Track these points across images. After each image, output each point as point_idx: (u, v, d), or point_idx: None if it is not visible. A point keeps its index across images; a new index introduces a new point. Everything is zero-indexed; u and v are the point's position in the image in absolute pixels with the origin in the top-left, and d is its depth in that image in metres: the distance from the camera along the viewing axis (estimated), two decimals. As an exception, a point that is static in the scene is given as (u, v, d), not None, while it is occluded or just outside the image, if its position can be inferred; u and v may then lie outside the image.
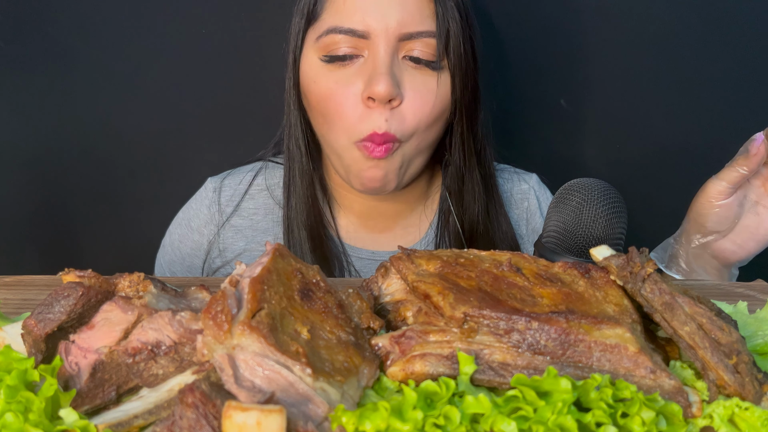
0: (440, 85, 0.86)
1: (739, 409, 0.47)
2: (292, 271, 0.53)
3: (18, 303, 0.68)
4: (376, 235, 1.00)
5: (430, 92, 0.85)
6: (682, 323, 0.50)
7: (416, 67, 0.85)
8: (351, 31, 0.83)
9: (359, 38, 0.84)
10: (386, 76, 0.82)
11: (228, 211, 1.01)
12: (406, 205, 1.00)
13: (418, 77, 0.85)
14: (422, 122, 0.86)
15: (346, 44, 0.84)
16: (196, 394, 0.41)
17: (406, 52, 0.85)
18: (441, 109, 0.87)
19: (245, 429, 0.38)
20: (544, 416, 0.43)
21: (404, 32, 0.83)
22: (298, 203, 0.95)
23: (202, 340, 0.45)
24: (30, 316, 0.51)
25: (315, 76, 0.87)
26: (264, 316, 0.46)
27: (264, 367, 0.44)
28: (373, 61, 0.83)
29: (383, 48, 0.83)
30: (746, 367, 0.49)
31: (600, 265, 0.55)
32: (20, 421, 0.43)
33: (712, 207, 0.80)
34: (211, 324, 0.45)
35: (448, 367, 0.48)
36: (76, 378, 0.49)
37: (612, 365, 0.48)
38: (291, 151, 0.96)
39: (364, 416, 0.42)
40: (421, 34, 0.84)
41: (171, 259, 1.05)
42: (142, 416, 0.45)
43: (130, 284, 0.53)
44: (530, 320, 0.49)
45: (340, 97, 0.85)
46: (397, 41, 0.83)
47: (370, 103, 0.84)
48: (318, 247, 0.95)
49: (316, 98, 0.88)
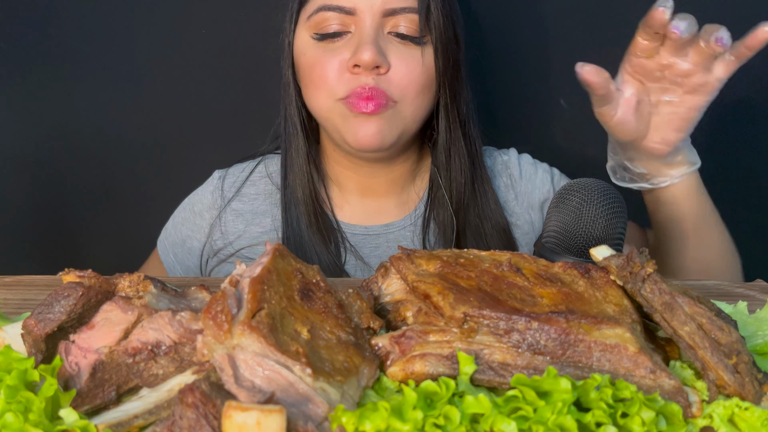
0: (425, 58, 0.92)
1: (739, 409, 0.47)
2: (292, 271, 0.53)
3: (18, 303, 0.68)
4: (369, 212, 1.04)
5: (415, 61, 0.91)
6: (682, 323, 0.50)
7: (401, 41, 0.91)
8: (339, 8, 0.90)
9: (346, 14, 0.90)
10: (371, 45, 0.87)
11: (229, 196, 1.05)
12: (397, 181, 1.04)
13: (403, 50, 0.91)
14: (410, 87, 0.91)
15: (335, 21, 0.90)
16: (196, 394, 0.41)
17: (391, 27, 0.90)
18: (427, 78, 0.92)
19: (245, 429, 0.38)
20: (544, 416, 0.43)
21: (388, 8, 0.89)
22: (295, 180, 1.00)
23: (202, 339, 0.45)
24: (30, 316, 0.51)
25: (305, 50, 0.93)
26: (264, 316, 0.46)
27: (264, 367, 0.44)
28: (360, 34, 0.89)
29: (369, 22, 0.89)
30: (746, 367, 0.49)
31: (600, 265, 0.55)
32: (20, 421, 0.43)
33: (608, 124, 0.85)
34: (211, 324, 0.45)
35: (448, 367, 0.48)
36: (76, 378, 0.49)
37: (612, 365, 0.48)
38: (288, 130, 1.01)
39: (364, 416, 0.42)
40: (404, 10, 0.90)
41: (173, 241, 1.08)
42: (142, 416, 0.45)
43: (130, 284, 0.54)
44: (530, 320, 0.49)
45: (325, 63, 0.91)
46: (381, 17, 0.89)
47: (356, 70, 0.89)
48: (314, 223, 0.99)
49: (304, 69, 0.94)
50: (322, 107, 0.93)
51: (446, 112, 0.96)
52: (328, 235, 1.00)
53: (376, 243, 1.01)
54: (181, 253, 1.07)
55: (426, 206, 1.01)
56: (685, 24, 0.74)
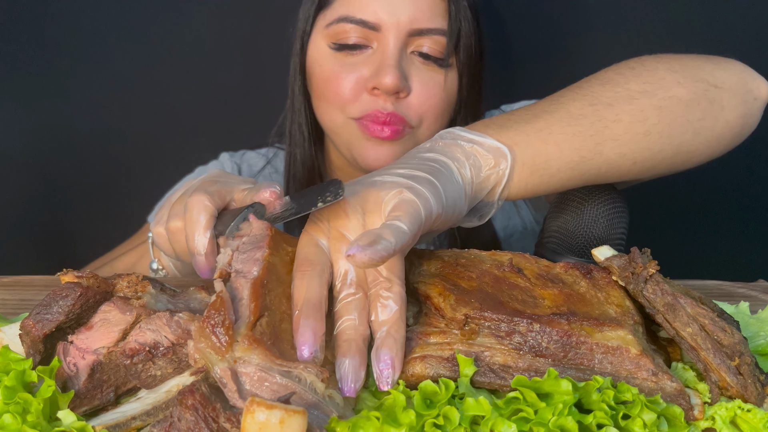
0: (447, 81, 0.87)
1: (742, 411, 0.47)
2: (288, 261, 0.52)
3: (16, 303, 0.67)
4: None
5: (437, 85, 0.86)
6: (685, 324, 0.50)
7: (424, 62, 0.86)
8: (362, 22, 0.84)
9: (370, 30, 0.84)
10: (394, 69, 0.83)
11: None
12: None
13: (425, 72, 0.86)
14: (429, 112, 0.87)
15: (355, 34, 0.85)
16: (196, 396, 0.40)
17: (415, 47, 0.86)
18: (448, 103, 0.89)
19: (267, 426, 0.37)
20: (545, 418, 0.43)
21: (415, 28, 0.84)
22: (300, 182, 0.97)
23: (195, 346, 0.43)
24: (28, 317, 0.50)
25: (321, 60, 0.88)
26: (266, 326, 0.45)
27: (269, 381, 0.43)
28: (382, 53, 0.84)
29: (393, 41, 0.84)
30: (748, 368, 0.48)
31: (602, 265, 0.55)
32: (18, 422, 0.43)
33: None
34: (211, 338, 0.43)
35: (449, 369, 0.48)
36: (74, 379, 0.49)
37: (614, 367, 0.48)
38: (293, 136, 0.97)
39: (358, 426, 0.42)
40: (431, 31, 0.85)
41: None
42: (140, 417, 0.45)
43: (129, 285, 0.53)
44: (532, 322, 0.48)
45: (342, 79, 0.86)
46: (407, 36, 0.84)
47: (375, 92, 0.84)
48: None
49: (318, 81, 0.89)
50: (334, 122, 0.89)
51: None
52: None
53: None
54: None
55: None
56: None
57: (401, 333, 0.48)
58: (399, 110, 0.84)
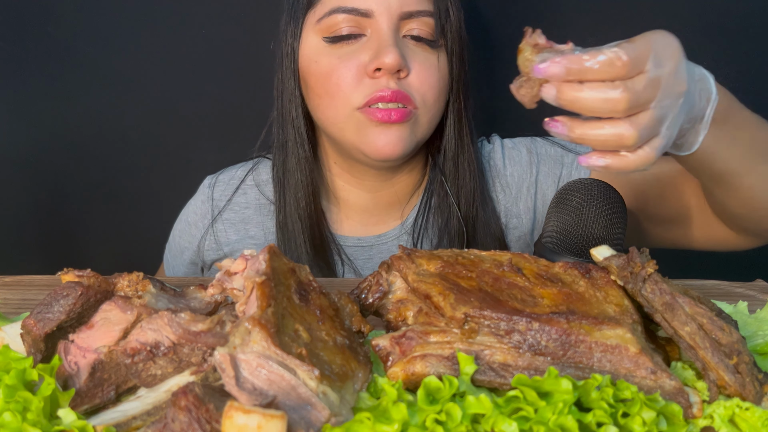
0: (440, 62, 0.89)
1: (740, 410, 0.47)
2: (287, 270, 0.52)
3: (17, 303, 0.68)
4: (365, 224, 1.02)
5: (432, 66, 0.88)
6: (683, 323, 0.50)
7: (417, 44, 0.88)
8: (354, 9, 0.85)
9: (362, 17, 0.86)
10: (394, 47, 0.84)
11: (220, 205, 1.03)
12: (401, 195, 1.00)
13: (420, 53, 0.88)
14: (429, 92, 0.88)
15: (348, 23, 0.86)
16: (189, 397, 0.40)
17: (407, 31, 0.88)
18: (443, 84, 0.90)
19: (245, 431, 0.38)
20: (545, 416, 0.43)
21: (405, 11, 0.86)
22: (296, 193, 0.96)
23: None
24: (29, 316, 0.50)
25: (317, 56, 0.89)
26: (271, 315, 0.45)
27: (266, 368, 0.43)
28: (378, 36, 0.86)
29: (386, 24, 0.86)
30: (747, 367, 0.48)
31: (600, 265, 0.55)
32: (18, 420, 0.43)
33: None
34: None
35: (449, 368, 0.48)
36: (75, 377, 0.49)
37: (613, 366, 0.48)
38: (287, 142, 0.96)
39: (351, 430, 0.42)
40: (420, 13, 0.87)
41: (174, 253, 1.08)
42: (140, 417, 0.45)
43: (129, 284, 0.53)
44: (531, 321, 0.48)
45: (342, 69, 0.86)
46: (398, 19, 0.86)
47: (377, 74, 0.85)
48: (311, 238, 0.96)
49: (317, 77, 0.89)
50: (338, 117, 0.88)
51: (458, 118, 0.94)
52: (325, 249, 0.97)
53: (369, 254, 0.99)
54: (182, 264, 1.06)
55: (423, 215, 0.99)
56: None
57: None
58: (403, 88, 0.86)
